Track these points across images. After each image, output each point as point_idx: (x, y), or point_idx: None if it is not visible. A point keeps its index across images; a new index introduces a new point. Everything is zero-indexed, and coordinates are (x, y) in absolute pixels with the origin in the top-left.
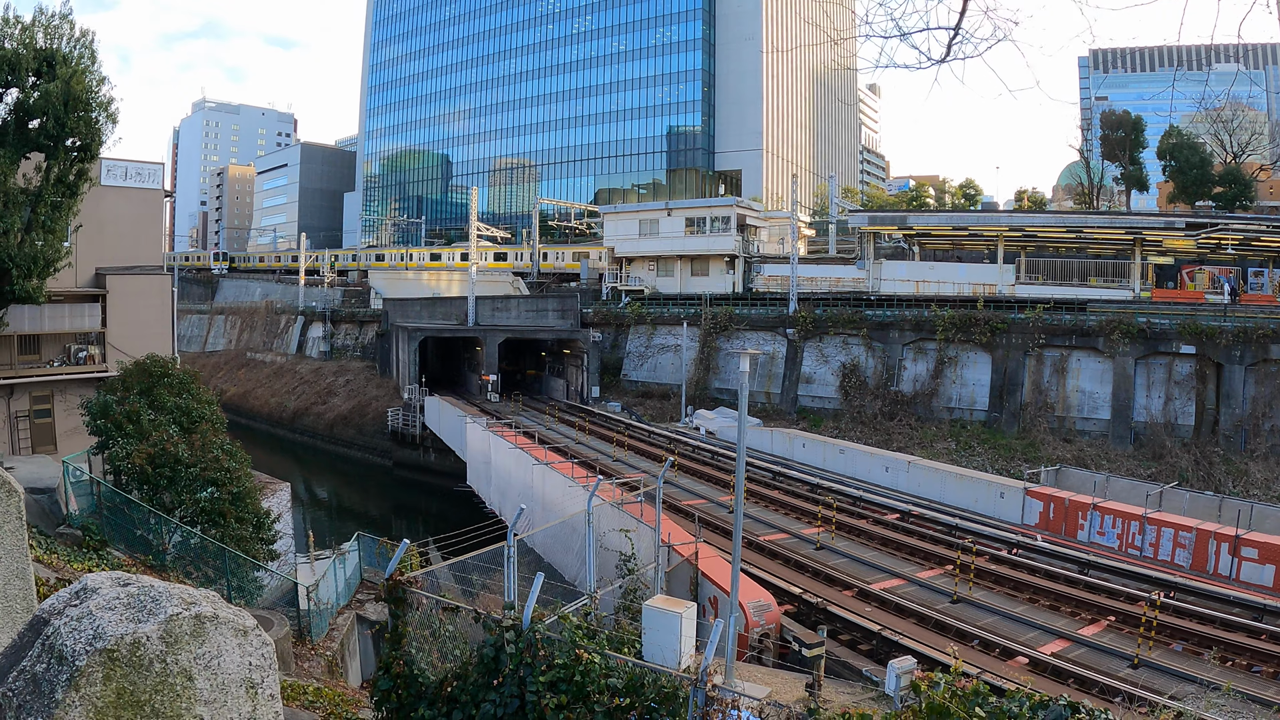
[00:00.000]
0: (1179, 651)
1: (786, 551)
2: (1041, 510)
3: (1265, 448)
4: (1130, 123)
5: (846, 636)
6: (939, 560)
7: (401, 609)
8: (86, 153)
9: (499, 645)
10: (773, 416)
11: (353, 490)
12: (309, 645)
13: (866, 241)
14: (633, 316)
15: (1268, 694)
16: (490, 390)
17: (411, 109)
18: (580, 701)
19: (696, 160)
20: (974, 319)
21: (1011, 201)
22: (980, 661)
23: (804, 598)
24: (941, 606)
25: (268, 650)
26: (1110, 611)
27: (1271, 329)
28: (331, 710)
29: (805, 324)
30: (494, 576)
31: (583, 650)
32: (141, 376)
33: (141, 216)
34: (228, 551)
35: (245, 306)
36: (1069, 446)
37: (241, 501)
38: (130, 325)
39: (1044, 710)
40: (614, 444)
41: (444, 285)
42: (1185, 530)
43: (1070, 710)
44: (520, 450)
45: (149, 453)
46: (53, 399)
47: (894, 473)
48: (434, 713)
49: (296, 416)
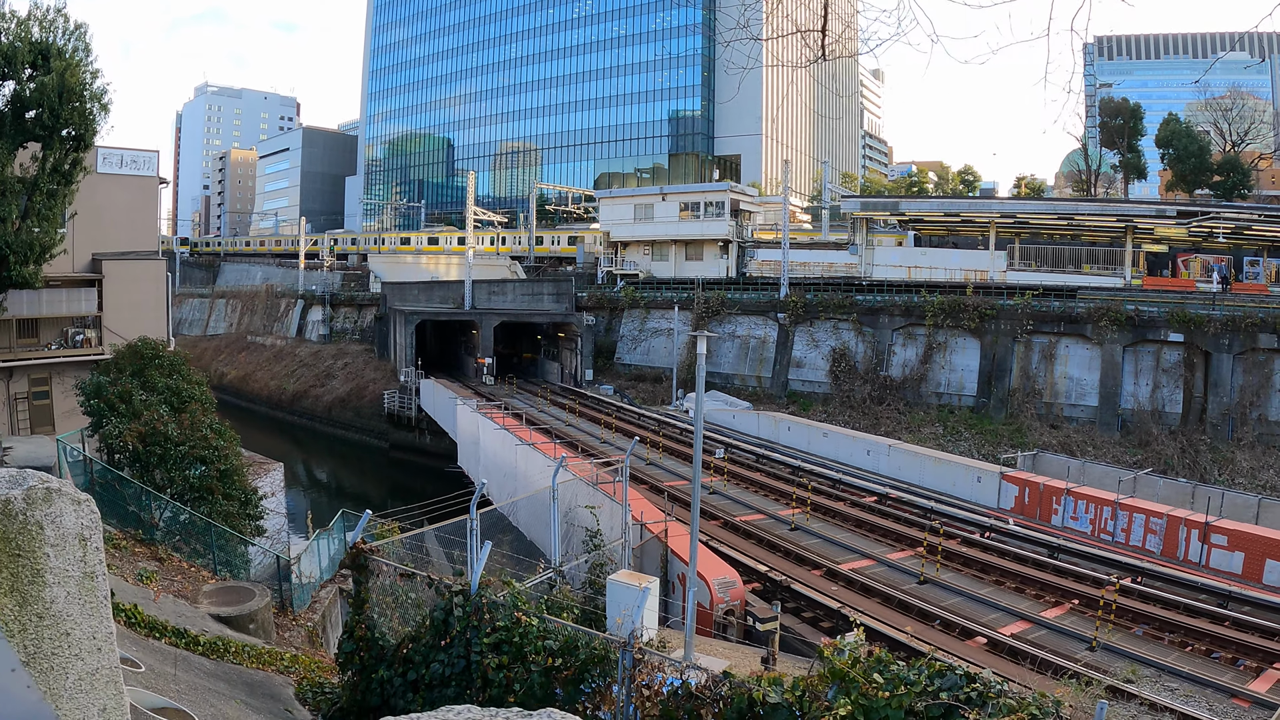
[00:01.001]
0: (1139, 635)
1: (761, 532)
2: (1017, 495)
3: (1252, 436)
4: (1128, 110)
5: (810, 614)
6: (911, 542)
7: (364, 576)
8: (81, 142)
9: (448, 609)
10: (764, 400)
11: (350, 472)
12: (291, 616)
13: (859, 227)
14: (627, 300)
15: (1223, 679)
16: (486, 373)
17: (414, 93)
18: (519, 661)
19: (696, 145)
20: (963, 305)
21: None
22: (939, 641)
23: (769, 576)
24: (908, 587)
25: (94, 516)
26: (1074, 595)
27: (1260, 318)
28: (305, 675)
29: (796, 308)
30: None
31: (522, 614)
32: (133, 358)
33: (137, 203)
34: (214, 527)
35: (246, 290)
36: (1056, 433)
37: (229, 479)
38: (126, 309)
39: (940, 679)
40: (602, 426)
41: (442, 269)
42: (1156, 516)
43: (966, 680)
44: (505, 431)
45: (140, 431)
46: (51, 381)
47: (875, 456)
48: (391, 673)
49: (295, 399)
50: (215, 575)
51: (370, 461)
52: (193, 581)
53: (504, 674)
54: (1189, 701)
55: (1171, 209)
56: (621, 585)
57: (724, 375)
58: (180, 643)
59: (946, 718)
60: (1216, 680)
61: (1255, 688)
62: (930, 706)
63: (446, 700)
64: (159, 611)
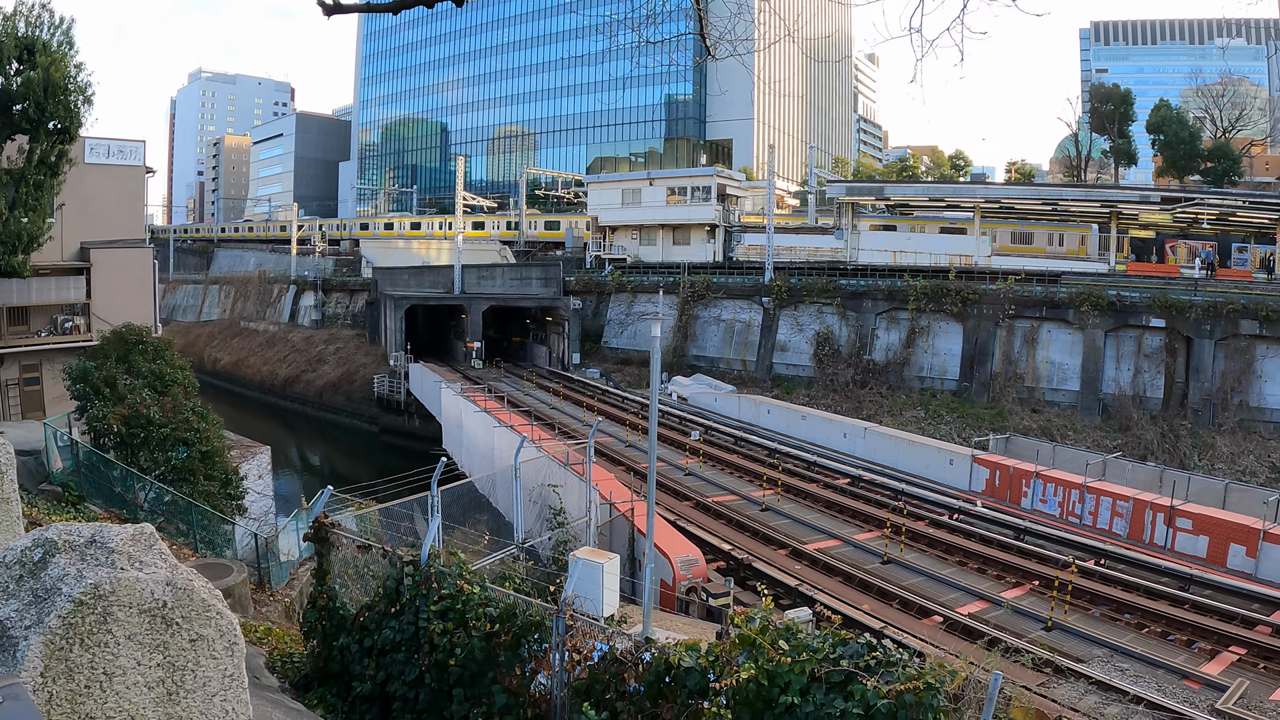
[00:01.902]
0: (1096, 617)
1: (732, 513)
2: (988, 477)
3: (1233, 422)
4: (1119, 96)
5: (770, 592)
6: (878, 523)
7: (326, 549)
8: (66, 135)
9: (400, 579)
10: (749, 384)
11: (341, 455)
12: (269, 592)
13: (845, 211)
14: (614, 284)
15: (1177, 661)
16: (475, 357)
17: (408, 78)
18: (461, 627)
19: (689, 130)
20: (945, 289)
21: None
22: (896, 619)
23: (732, 554)
24: (871, 567)
25: (10, 453)
26: (1035, 576)
27: (1242, 304)
28: (276, 646)
29: (780, 293)
30: (466, 523)
31: (464, 583)
32: (118, 344)
33: (124, 192)
34: (195, 506)
35: (239, 276)
36: (1037, 417)
37: (210, 460)
38: (113, 296)
39: (843, 646)
40: (584, 409)
41: (433, 254)
42: (1123, 500)
43: (867, 648)
44: (484, 413)
45: (123, 414)
46: (41, 367)
47: (851, 439)
48: (350, 640)
49: (287, 384)
50: (196, 553)
51: (361, 445)
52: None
53: (448, 639)
54: (1138, 681)
55: (1155, 195)
56: (583, 562)
57: (709, 359)
58: None
59: (846, 684)
60: (1170, 662)
61: (1208, 670)
62: (830, 673)
63: (398, 664)
64: None
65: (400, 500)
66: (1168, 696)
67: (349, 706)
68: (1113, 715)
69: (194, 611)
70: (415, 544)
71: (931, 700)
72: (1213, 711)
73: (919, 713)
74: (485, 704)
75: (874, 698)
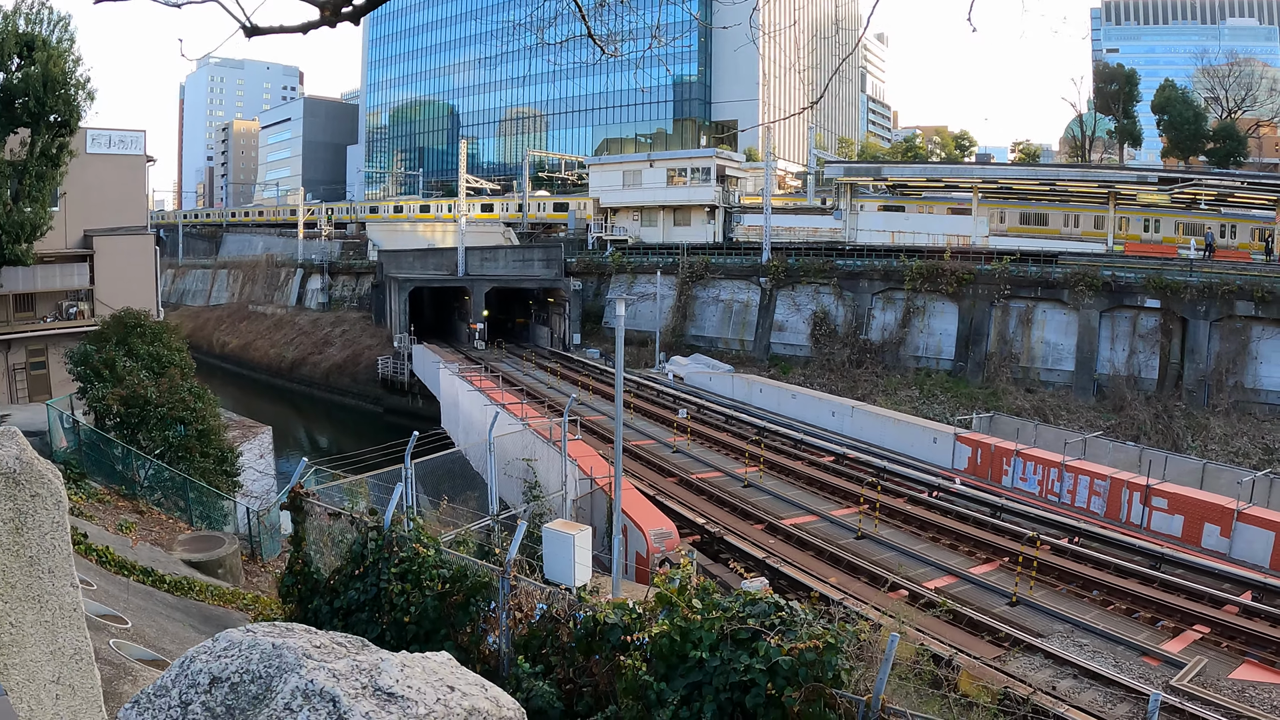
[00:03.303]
0: (1063, 593)
1: (714, 489)
2: (970, 455)
3: (1227, 403)
4: (1124, 76)
5: (741, 565)
6: (858, 500)
7: (301, 517)
8: (66, 128)
9: (364, 543)
10: (746, 363)
11: (346, 436)
12: (260, 563)
13: (843, 192)
14: (614, 265)
15: (1139, 638)
16: (478, 338)
17: (415, 60)
18: (417, 588)
19: (695, 111)
20: (941, 269)
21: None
22: (862, 592)
23: (706, 528)
24: (844, 542)
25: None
26: (1006, 553)
27: (1238, 285)
28: (261, 611)
29: (778, 273)
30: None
31: (419, 546)
32: (118, 328)
33: (125, 180)
34: (190, 482)
35: (247, 260)
36: (1031, 397)
37: (206, 438)
38: (116, 282)
39: (753, 606)
40: (579, 388)
41: (438, 236)
42: (1100, 478)
43: (774, 608)
44: (478, 392)
45: (121, 395)
46: (47, 352)
47: (839, 417)
48: (321, 602)
49: (294, 367)
50: (191, 526)
51: (366, 426)
52: (169, 532)
53: (405, 598)
54: (1096, 657)
55: (1153, 175)
56: (555, 533)
57: (708, 338)
58: (147, 580)
59: (753, 640)
60: (1131, 639)
61: (1169, 647)
62: (738, 630)
63: (361, 623)
64: (134, 556)
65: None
66: (1124, 672)
67: None
68: (1064, 689)
69: (34, 477)
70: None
71: (831, 658)
72: (1167, 688)
73: (819, 670)
74: None
75: (776, 654)
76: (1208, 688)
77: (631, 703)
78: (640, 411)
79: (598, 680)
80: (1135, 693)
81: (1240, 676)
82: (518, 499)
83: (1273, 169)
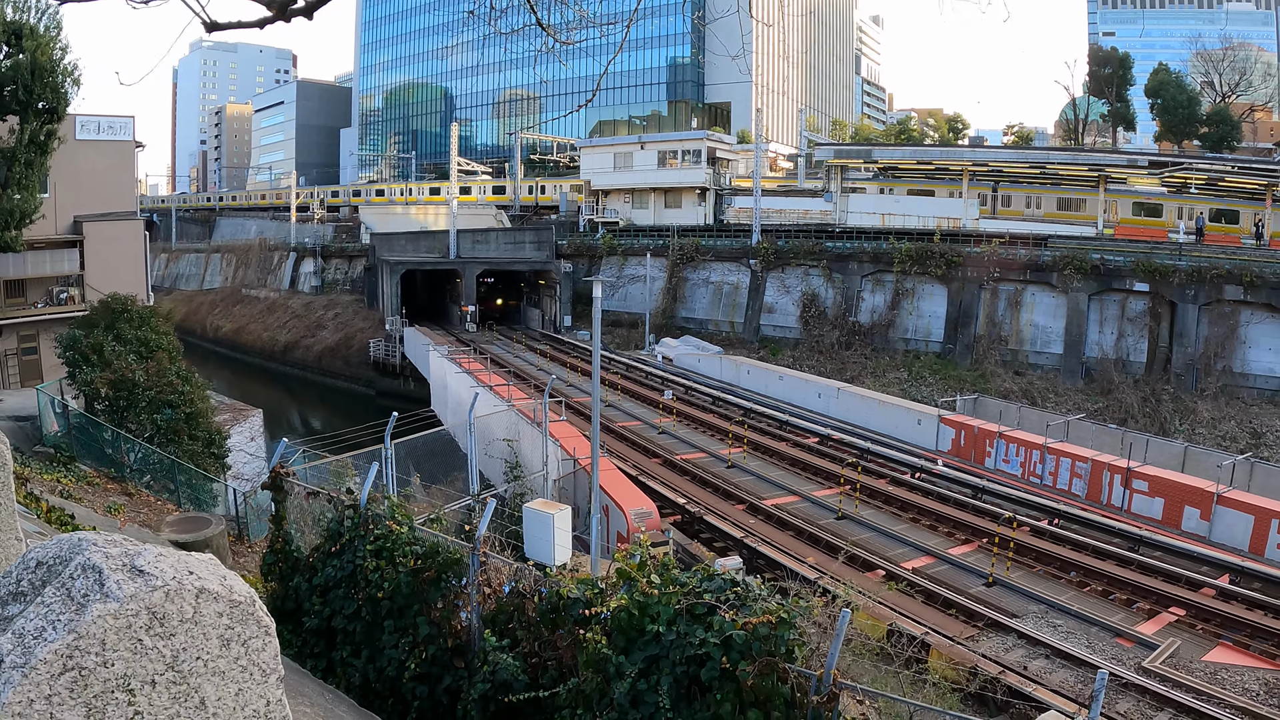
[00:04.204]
0: (1040, 574)
1: (698, 469)
2: (953, 437)
3: (1215, 387)
4: (1118, 60)
5: (720, 544)
6: (840, 481)
7: (282, 496)
8: (54, 115)
9: (341, 520)
10: (736, 345)
11: (338, 418)
12: (247, 544)
13: (834, 174)
14: (605, 247)
15: (1113, 619)
16: (469, 320)
17: (409, 43)
18: (391, 564)
19: (688, 93)
20: (930, 252)
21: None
22: (839, 572)
23: (687, 508)
24: (824, 522)
25: None
26: (985, 534)
27: (1227, 269)
28: None
29: (768, 255)
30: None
31: (393, 523)
32: (106, 313)
33: (114, 166)
34: (178, 464)
35: (240, 244)
36: (1020, 379)
37: (194, 421)
38: (106, 267)
39: (709, 581)
40: (568, 369)
41: (431, 219)
42: (1081, 461)
43: (729, 584)
44: (466, 374)
45: (110, 379)
46: (39, 337)
47: (825, 399)
48: (301, 579)
49: (287, 350)
50: (179, 508)
51: (358, 408)
52: (158, 514)
53: (380, 575)
54: (1069, 638)
55: (1143, 159)
56: (534, 513)
57: (698, 320)
58: None
59: (709, 615)
60: (1106, 620)
61: (1143, 629)
62: (695, 604)
63: (339, 600)
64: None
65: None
66: (1096, 653)
67: (301, 641)
68: (1036, 669)
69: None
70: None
71: (784, 633)
72: (1139, 669)
73: (771, 644)
74: (411, 634)
75: (730, 628)
76: (1180, 669)
77: (592, 675)
78: (628, 393)
79: (561, 654)
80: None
81: (1214, 659)
82: (502, 479)
83: (1267, 154)
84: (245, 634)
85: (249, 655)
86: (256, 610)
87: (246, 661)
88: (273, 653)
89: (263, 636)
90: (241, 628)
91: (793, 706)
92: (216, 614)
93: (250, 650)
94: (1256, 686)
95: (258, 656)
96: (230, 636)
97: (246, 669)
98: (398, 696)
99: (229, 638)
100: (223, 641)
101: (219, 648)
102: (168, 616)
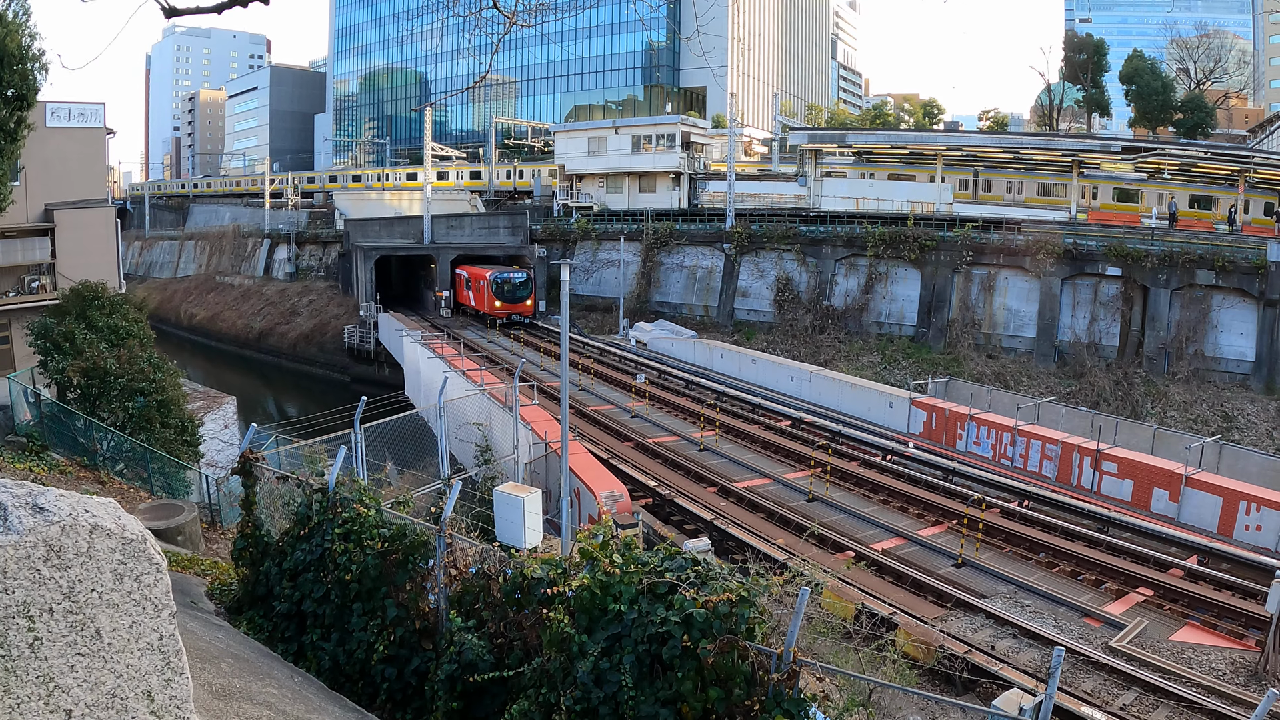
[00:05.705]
0: (1009, 555)
1: (670, 453)
2: (925, 420)
3: (1187, 371)
4: (1092, 45)
5: (691, 526)
6: (811, 463)
7: (251, 481)
8: (23, 102)
9: (309, 504)
10: (710, 329)
11: (313, 405)
12: (220, 530)
13: (808, 159)
14: (579, 232)
15: (1082, 599)
16: (444, 306)
17: (383, 27)
18: (359, 547)
19: (664, 77)
20: (903, 236)
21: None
22: (809, 553)
23: (657, 491)
24: (795, 504)
25: None
26: (955, 515)
27: (1199, 254)
28: (217, 577)
29: (741, 239)
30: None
31: (360, 506)
32: (77, 301)
33: (85, 154)
34: (150, 452)
35: (214, 231)
36: (993, 363)
37: (167, 409)
38: (78, 255)
39: (670, 560)
40: (542, 354)
41: (405, 205)
42: (1051, 443)
43: (690, 563)
44: (438, 359)
45: (82, 367)
46: (11, 326)
47: (798, 382)
48: (271, 564)
49: (262, 337)
50: (153, 495)
51: (332, 395)
52: (130, 501)
53: (348, 558)
54: (1037, 618)
55: (1116, 145)
56: (505, 496)
57: (672, 305)
58: None
59: (670, 594)
60: (1074, 600)
61: (1111, 609)
62: (656, 584)
63: (308, 584)
64: None
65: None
66: (1064, 633)
67: (272, 625)
68: (1003, 648)
69: None
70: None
71: (744, 611)
72: (1106, 649)
73: (731, 622)
74: (379, 616)
75: (690, 606)
76: (1147, 649)
77: (556, 654)
78: (601, 377)
79: (526, 634)
80: (1073, 652)
81: (1181, 638)
82: (474, 463)
83: (1241, 140)
84: (138, 569)
85: (141, 590)
86: (148, 548)
87: (139, 596)
88: (164, 589)
89: (154, 573)
90: (134, 563)
91: (753, 684)
92: (110, 549)
93: (143, 585)
94: (1223, 665)
95: (150, 591)
96: (123, 571)
97: (139, 603)
98: (367, 679)
99: (122, 572)
100: (116, 575)
101: (113, 581)
102: (64, 549)
